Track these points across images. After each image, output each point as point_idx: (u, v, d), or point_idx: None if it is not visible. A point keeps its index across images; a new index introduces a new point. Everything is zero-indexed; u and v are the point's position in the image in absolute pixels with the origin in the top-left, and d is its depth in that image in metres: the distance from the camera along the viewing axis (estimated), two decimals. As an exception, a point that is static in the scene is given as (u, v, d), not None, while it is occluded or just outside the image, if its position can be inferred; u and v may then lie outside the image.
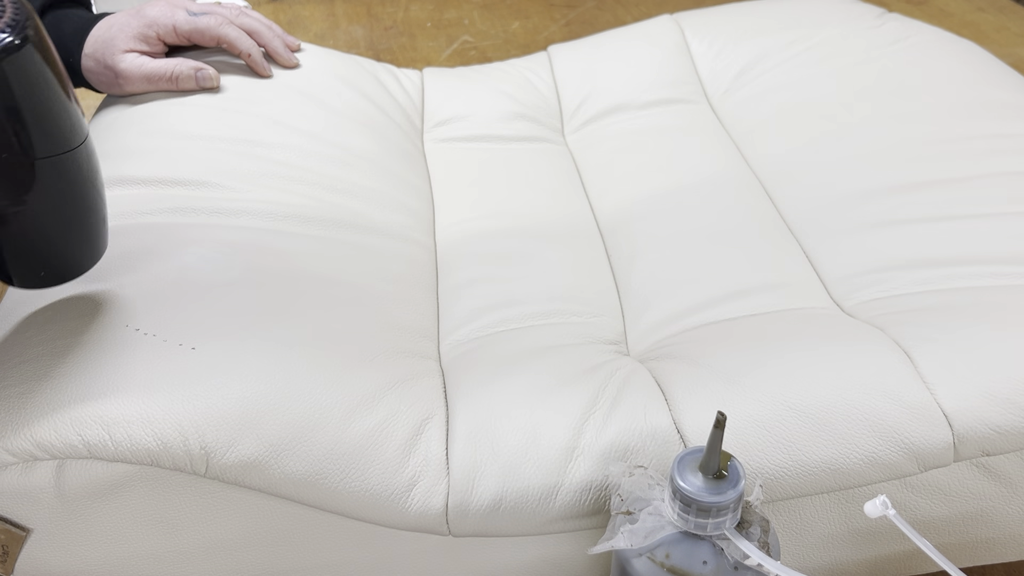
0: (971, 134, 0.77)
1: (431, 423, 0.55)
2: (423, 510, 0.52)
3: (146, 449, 0.49)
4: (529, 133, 0.90)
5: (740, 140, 0.87)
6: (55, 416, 0.49)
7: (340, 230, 0.69)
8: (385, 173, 0.78)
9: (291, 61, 0.79)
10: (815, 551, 0.57)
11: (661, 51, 0.97)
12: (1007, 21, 1.25)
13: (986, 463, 0.55)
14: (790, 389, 0.55)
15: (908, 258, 0.67)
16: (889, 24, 0.94)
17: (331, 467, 0.51)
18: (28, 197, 0.45)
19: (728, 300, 0.67)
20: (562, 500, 0.53)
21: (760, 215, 0.76)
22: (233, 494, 0.52)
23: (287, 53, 0.79)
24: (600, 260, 0.74)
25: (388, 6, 1.36)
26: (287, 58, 0.79)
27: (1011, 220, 0.67)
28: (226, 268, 0.61)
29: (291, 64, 0.79)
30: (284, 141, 0.75)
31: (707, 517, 0.47)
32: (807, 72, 0.90)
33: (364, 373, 0.56)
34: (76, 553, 0.52)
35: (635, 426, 0.54)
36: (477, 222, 0.77)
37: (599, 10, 1.33)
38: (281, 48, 0.80)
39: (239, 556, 0.54)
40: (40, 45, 0.42)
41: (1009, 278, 0.63)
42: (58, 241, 0.49)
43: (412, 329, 0.64)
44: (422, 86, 0.95)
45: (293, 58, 0.79)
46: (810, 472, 0.53)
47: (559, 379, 0.58)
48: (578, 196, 0.82)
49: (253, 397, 0.52)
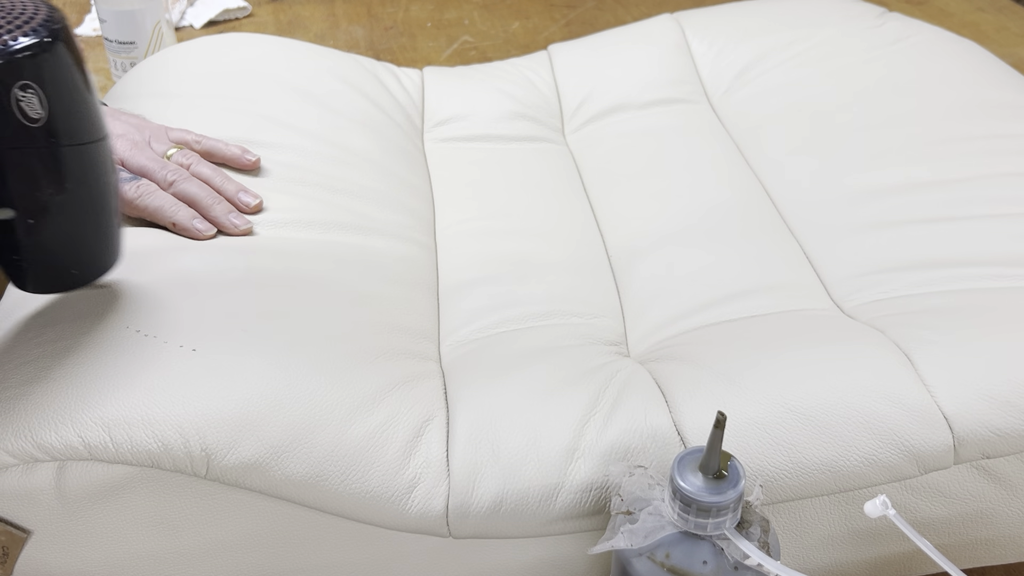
0: (971, 134, 0.77)
1: (431, 424, 0.55)
2: (423, 512, 0.52)
3: (147, 451, 0.49)
4: (529, 133, 0.90)
5: (740, 140, 0.86)
6: (56, 418, 0.49)
7: (340, 231, 0.69)
8: (385, 173, 0.78)
9: (233, 230, 0.65)
10: (815, 552, 0.57)
11: (661, 51, 0.97)
12: (1007, 21, 1.25)
13: (986, 465, 0.55)
14: (790, 391, 0.55)
15: (909, 259, 0.67)
16: (889, 24, 0.94)
17: (332, 469, 0.51)
18: (68, 184, 0.49)
19: (728, 301, 0.67)
20: (563, 501, 0.53)
21: (760, 215, 0.76)
22: (234, 495, 0.52)
23: (228, 220, 0.65)
24: (600, 261, 0.74)
25: (388, 6, 1.36)
26: (228, 226, 0.65)
27: (1012, 221, 0.67)
28: (226, 269, 0.61)
29: (233, 232, 0.65)
30: (284, 141, 0.75)
31: (707, 517, 0.47)
32: (808, 72, 0.90)
33: (364, 375, 0.56)
34: (76, 554, 0.52)
35: (635, 427, 0.54)
36: (477, 222, 0.77)
37: (599, 10, 1.33)
38: (223, 215, 0.66)
39: (239, 557, 0.54)
40: (69, 44, 0.46)
41: (1010, 280, 0.63)
42: (90, 234, 0.52)
43: (412, 330, 0.64)
44: (422, 85, 0.95)
45: (236, 226, 0.65)
46: (810, 474, 0.53)
47: (559, 380, 0.58)
48: (578, 196, 0.82)
49: (254, 399, 0.52)
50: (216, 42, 0.87)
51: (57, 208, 0.50)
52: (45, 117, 0.46)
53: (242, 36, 0.88)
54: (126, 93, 0.80)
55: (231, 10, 1.30)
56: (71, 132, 0.48)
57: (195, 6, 1.30)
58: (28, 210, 0.49)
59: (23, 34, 0.44)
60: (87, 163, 0.50)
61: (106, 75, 1.16)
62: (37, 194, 0.49)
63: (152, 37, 1.08)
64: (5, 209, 0.49)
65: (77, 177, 0.50)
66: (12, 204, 0.48)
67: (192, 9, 1.30)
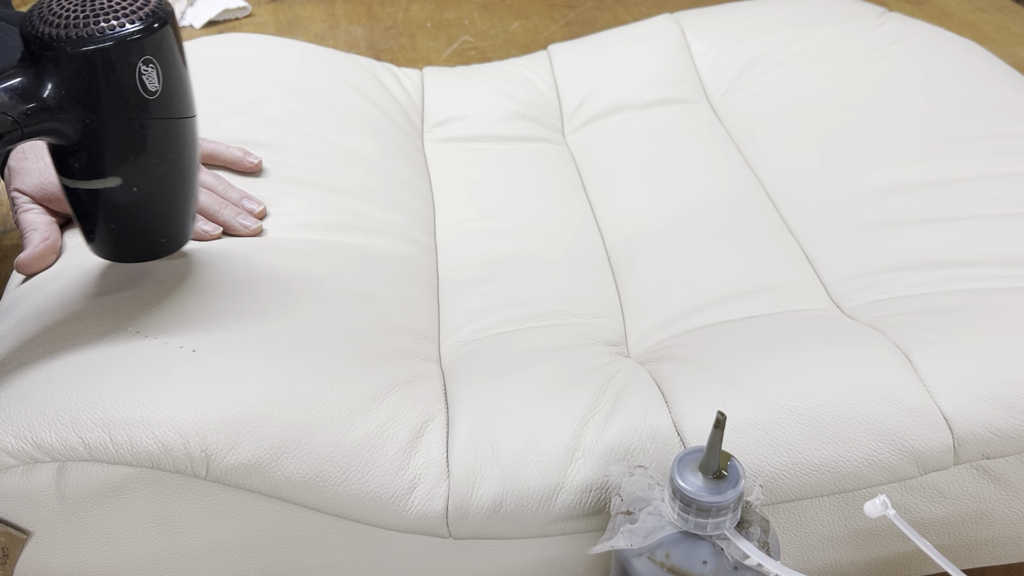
0: (972, 134, 0.77)
1: (431, 425, 0.55)
2: (423, 512, 0.52)
3: (147, 452, 0.49)
4: (529, 133, 0.90)
5: (740, 140, 0.86)
6: (56, 418, 0.49)
7: (340, 231, 0.69)
8: (385, 173, 0.78)
9: (243, 231, 0.65)
10: (815, 552, 0.57)
11: (661, 51, 0.97)
12: (1007, 21, 1.25)
13: (986, 466, 0.55)
14: (790, 391, 0.55)
15: (909, 259, 0.67)
16: (889, 24, 0.94)
17: (331, 470, 0.51)
18: (170, 155, 0.53)
19: (728, 301, 0.67)
20: (563, 501, 0.53)
21: (760, 216, 0.76)
22: (233, 496, 0.52)
23: (238, 222, 0.65)
24: (600, 261, 0.74)
25: (388, 6, 1.36)
26: (239, 228, 0.65)
27: (1012, 221, 0.67)
28: (227, 270, 0.61)
29: (244, 233, 0.65)
30: (284, 141, 0.75)
31: (707, 517, 0.47)
32: (807, 72, 0.90)
33: (364, 375, 0.56)
34: (76, 555, 0.52)
35: (635, 427, 0.54)
36: (477, 223, 0.77)
37: (599, 10, 1.33)
38: (231, 217, 0.65)
39: (239, 558, 0.54)
40: (175, 26, 0.51)
41: (1010, 280, 0.63)
42: (180, 205, 0.56)
43: (412, 331, 0.64)
44: (422, 85, 0.95)
45: (246, 227, 0.65)
46: (810, 474, 0.53)
47: (559, 381, 0.58)
48: (578, 196, 0.82)
49: (254, 400, 0.52)
50: (216, 42, 0.87)
51: (159, 178, 0.53)
52: (160, 91, 0.51)
53: (242, 36, 0.88)
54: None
55: (231, 10, 1.30)
56: (178, 106, 0.53)
57: (195, 6, 1.30)
58: (134, 179, 0.52)
59: (142, 16, 0.49)
60: (186, 136, 0.54)
61: (106, 75, 1.16)
62: (144, 163, 0.52)
63: (152, 37, 1.08)
64: (113, 178, 0.52)
65: (177, 149, 0.54)
66: (120, 173, 0.52)
67: (192, 9, 1.30)
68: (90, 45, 0.48)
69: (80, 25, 0.48)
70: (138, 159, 0.52)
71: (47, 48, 0.48)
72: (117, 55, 0.48)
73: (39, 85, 0.48)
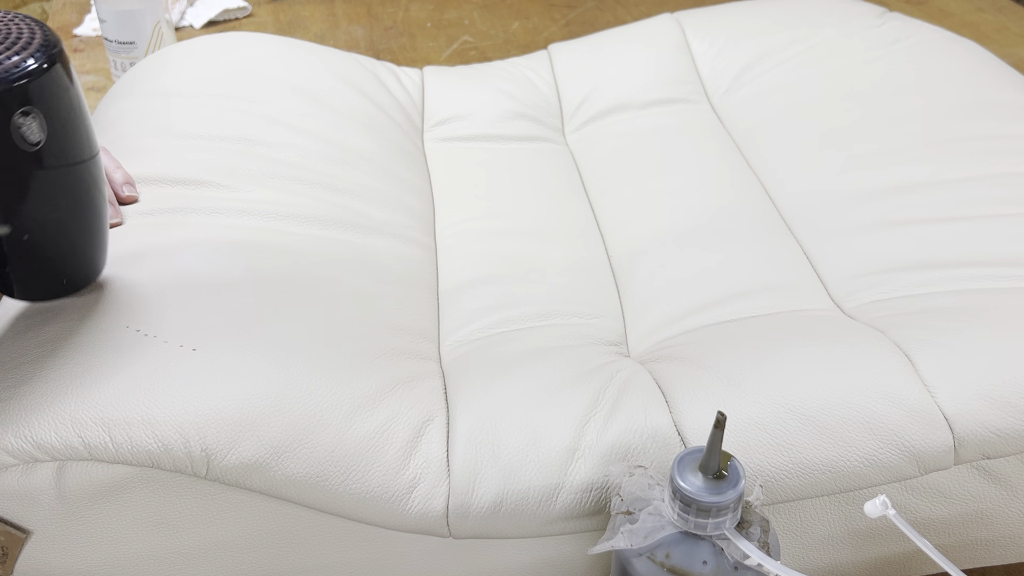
0: (972, 134, 0.77)
1: (432, 425, 0.55)
2: (424, 512, 0.52)
3: (147, 451, 0.49)
4: (529, 133, 0.90)
5: (740, 140, 0.86)
6: (55, 418, 0.49)
7: (340, 230, 0.69)
8: (385, 173, 0.78)
9: None
10: (815, 552, 0.57)
11: (661, 50, 0.97)
12: (1007, 21, 1.25)
13: (986, 466, 0.55)
14: (790, 391, 0.55)
15: (909, 260, 0.67)
16: (889, 24, 0.94)
17: (332, 469, 0.51)
18: (62, 202, 0.50)
19: (728, 301, 0.67)
20: (563, 501, 0.53)
21: (761, 216, 0.76)
22: (234, 496, 0.52)
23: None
24: (600, 261, 0.74)
25: (388, 6, 1.36)
26: None
27: (1012, 221, 0.67)
28: (226, 268, 0.61)
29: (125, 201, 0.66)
30: (284, 140, 0.75)
31: (707, 517, 0.47)
32: (808, 72, 0.90)
33: (365, 375, 0.56)
34: (76, 554, 0.52)
35: (635, 427, 0.54)
36: (477, 222, 0.77)
37: (599, 10, 1.33)
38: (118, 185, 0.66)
39: (239, 557, 0.54)
40: (66, 65, 0.46)
41: (1010, 280, 0.63)
42: (81, 247, 0.53)
43: (412, 330, 0.64)
44: (422, 85, 0.95)
45: None
46: (810, 474, 0.53)
47: (560, 380, 0.58)
48: (578, 196, 0.82)
49: (254, 399, 0.52)
50: (216, 42, 0.86)
51: (52, 224, 0.51)
52: (44, 140, 0.46)
53: (242, 36, 0.88)
54: (126, 91, 0.80)
55: (231, 10, 1.30)
56: (68, 153, 0.49)
57: (195, 6, 1.30)
58: (23, 227, 0.50)
59: (22, 60, 0.44)
60: (81, 181, 0.51)
61: (106, 75, 1.16)
62: (33, 212, 0.49)
63: (152, 37, 1.08)
64: (1, 225, 0.49)
65: (71, 195, 0.51)
66: (7, 221, 0.49)
67: (192, 9, 1.30)
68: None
69: None
70: (25, 208, 0.49)
71: None
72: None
73: None
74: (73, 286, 0.55)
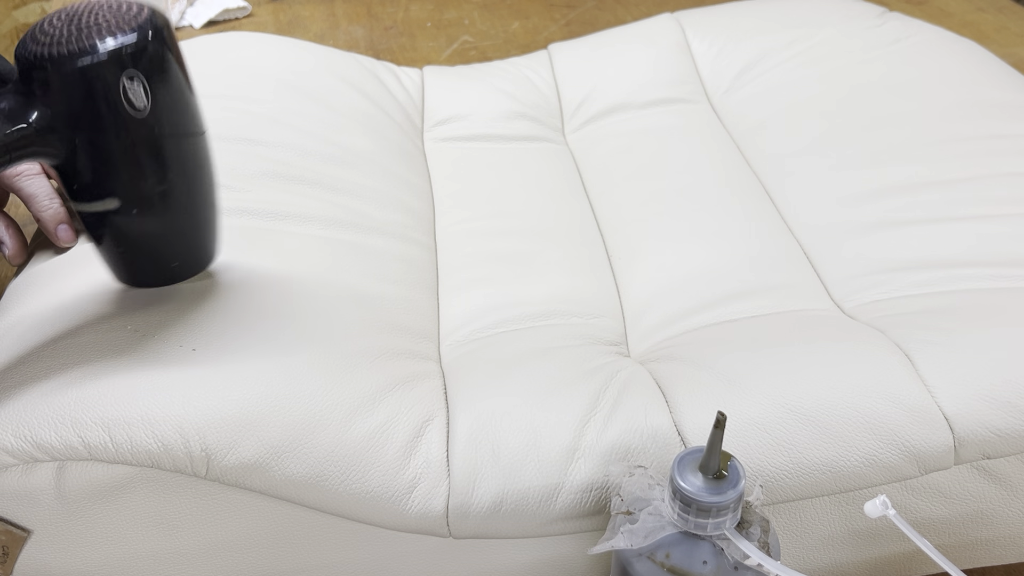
0: (972, 134, 0.77)
1: (431, 425, 0.55)
2: (424, 512, 0.52)
3: (147, 451, 0.49)
4: (529, 132, 0.90)
5: (741, 140, 0.86)
6: (55, 418, 0.49)
7: (340, 230, 0.69)
8: (385, 172, 0.78)
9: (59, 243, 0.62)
10: (815, 552, 0.57)
11: (661, 50, 0.97)
12: (1007, 21, 1.25)
13: (986, 466, 0.55)
14: (790, 391, 0.55)
15: (909, 260, 0.67)
16: (890, 24, 0.94)
17: (332, 469, 0.51)
18: (169, 176, 0.51)
19: (728, 301, 0.67)
20: (563, 501, 0.53)
21: (761, 216, 0.76)
22: (234, 496, 0.52)
23: None
24: (600, 261, 0.74)
25: (388, 6, 1.36)
26: None
27: (1012, 221, 0.67)
28: (225, 269, 0.61)
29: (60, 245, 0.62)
30: (284, 140, 0.75)
31: (707, 517, 0.47)
32: (808, 71, 0.90)
33: (364, 375, 0.56)
34: (76, 554, 0.52)
35: (635, 427, 0.54)
36: (477, 222, 0.77)
37: (599, 10, 1.33)
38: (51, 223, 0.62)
39: (239, 557, 0.54)
40: (171, 39, 0.50)
41: (1010, 280, 0.63)
42: (191, 228, 0.55)
43: (412, 330, 0.64)
44: (422, 84, 0.95)
45: None
46: (810, 474, 0.53)
47: (560, 380, 0.58)
48: (578, 196, 0.82)
49: (254, 399, 0.52)
50: (216, 42, 0.87)
51: (159, 200, 0.52)
52: (148, 107, 0.49)
53: (242, 36, 0.88)
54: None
55: (231, 10, 1.30)
56: (172, 123, 0.50)
57: (195, 6, 1.30)
58: (132, 201, 0.51)
59: (125, 31, 0.47)
60: (187, 156, 0.52)
61: (106, 75, 1.16)
62: (140, 184, 0.51)
63: (152, 37, 1.08)
64: (108, 200, 0.51)
65: (178, 169, 0.52)
66: (115, 195, 0.50)
67: (192, 9, 1.30)
68: (68, 63, 0.46)
69: (64, 43, 0.47)
70: (133, 181, 0.50)
71: (34, 68, 0.47)
72: (95, 70, 0.47)
73: (27, 107, 0.47)
74: (184, 271, 0.56)
